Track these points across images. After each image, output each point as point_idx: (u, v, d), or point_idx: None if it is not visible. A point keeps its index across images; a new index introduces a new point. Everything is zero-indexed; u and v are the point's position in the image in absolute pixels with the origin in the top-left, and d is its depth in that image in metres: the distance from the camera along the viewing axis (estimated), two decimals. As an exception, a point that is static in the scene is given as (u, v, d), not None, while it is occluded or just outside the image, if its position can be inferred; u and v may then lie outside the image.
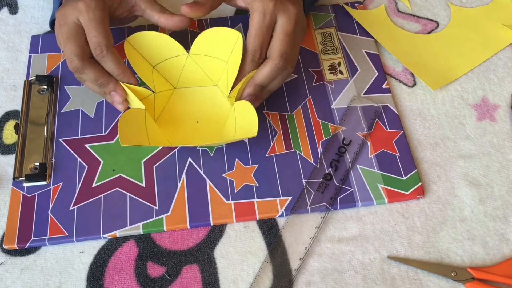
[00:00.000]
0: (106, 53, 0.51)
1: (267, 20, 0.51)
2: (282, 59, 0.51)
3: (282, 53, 0.51)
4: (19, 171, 0.54)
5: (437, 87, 0.61)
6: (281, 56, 0.51)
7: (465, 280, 0.49)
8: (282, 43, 0.51)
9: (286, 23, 0.51)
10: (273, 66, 0.51)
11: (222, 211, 0.52)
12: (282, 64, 0.51)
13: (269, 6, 0.50)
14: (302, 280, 0.50)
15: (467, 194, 0.54)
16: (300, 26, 0.53)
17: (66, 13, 0.50)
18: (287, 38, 0.51)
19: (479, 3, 0.68)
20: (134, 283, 0.49)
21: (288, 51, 0.51)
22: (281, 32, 0.51)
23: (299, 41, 0.54)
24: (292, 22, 0.51)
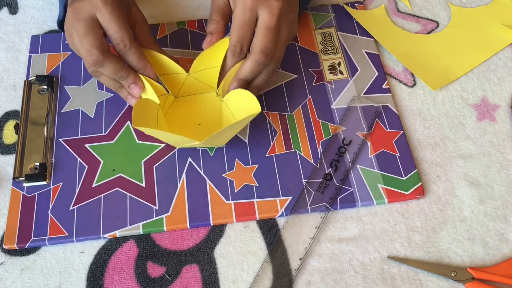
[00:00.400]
0: (129, 47, 0.51)
1: (247, 15, 0.50)
2: (262, 54, 0.50)
3: (263, 48, 0.50)
4: (19, 171, 0.54)
5: (437, 87, 0.61)
6: (261, 51, 0.50)
7: (465, 280, 0.49)
8: (263, 38, 0.50)
9: (267, 18, 0.50)
10: (254, 61, 0.51)
11: (222, 211, 0.52)
12: (263, 59, 0.51)
13: (248, 1, 0.50)
14: (302, 280, 0.50)
15: (467, 194, 0.54)
16: (285, 21, 0.52)
17: (82, 8, 0.50)
18: (268, 33, 0.50)
19: (479, 3, 0.68)
20: (134, 283, 0.49)
21: (270, 46, 0.50)
22: (262, 27, 0.50)
23: (285, 36, 0.53)
24: (275, 17, 0.50)
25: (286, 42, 0.53)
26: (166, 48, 0.63)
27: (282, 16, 0.51)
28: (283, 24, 0.52)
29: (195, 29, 0.65)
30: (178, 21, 0.66)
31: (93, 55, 0.50)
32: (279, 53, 0.53)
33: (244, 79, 0.53)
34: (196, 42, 0.64)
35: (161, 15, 0.67)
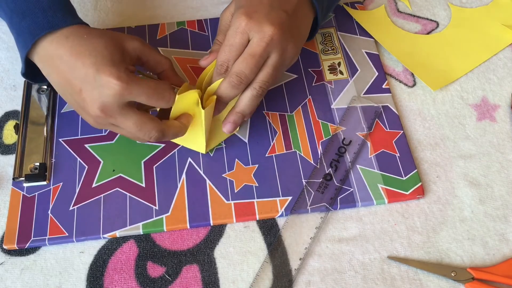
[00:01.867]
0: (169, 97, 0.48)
1: (237, 37, 0.49)
2: (236, 77, 0.49)
3: (238, 71, 0.49)
4: (19, 171, 0.54)
5: (438, 88, 0.61)
6: (235, 74, 0.49)
7: (465, 280, 0.49)
8: (242, 61, 0.49)
9: (255, 43, 0.48)
10: (226, 81, 0.49)
11: (222, 211, 0.52)
12: (234, 82, 0.49)
13: (241, 25, 0.49)
14: (302, 280, 0.50)
15: (467, 194, 0.54)
16: (277, 49, 0.49)
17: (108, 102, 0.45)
18: (249, 58, 0.48)
19: (479, 3, 0.68)
20: (134, 283, 0.49)
21: (246, 71, 0.48)
22: (246, 51, 0.49)
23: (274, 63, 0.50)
24: (263, 44, 0.48)
25: (275, 68, 0.50)
26: (166, 48, 0.63)
27: (273, 44, 0.49)
28: (274, 51, 0.49)
29: (195, 29, 0.65)
30: (178, 21, 0.66)
31: (153, 137, 0.48)
32: (266, 78, 0.50)
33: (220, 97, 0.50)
34: (196, 42, 0.64)
35: (161, 15, 0.67)
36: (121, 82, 0.44)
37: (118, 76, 0.44)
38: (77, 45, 0.46)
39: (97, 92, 0.45)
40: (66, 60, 0.46)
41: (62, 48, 0.46)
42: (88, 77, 0.45)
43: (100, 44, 0.46)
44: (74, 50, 0.46)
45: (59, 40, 0.47)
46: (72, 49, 0.46)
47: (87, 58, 0.45)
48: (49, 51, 0.47)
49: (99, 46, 0.46)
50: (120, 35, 0.50)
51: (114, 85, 0.44)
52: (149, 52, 0.51)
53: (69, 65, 0.46)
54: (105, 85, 0.45)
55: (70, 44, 0.46)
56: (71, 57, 0.46)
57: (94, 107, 0.46)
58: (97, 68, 0.45)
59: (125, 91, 0.45)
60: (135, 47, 0.49)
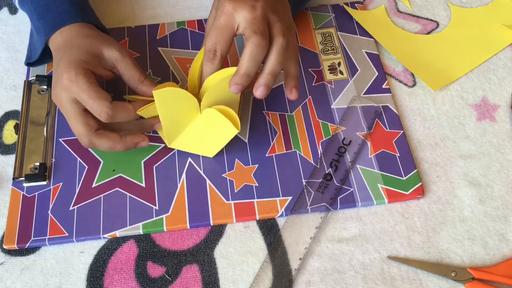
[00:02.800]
0: (112, 113, 0.49)
1: (222, 19, 0.48)
2: (255, 35, 0.47)
3: (254, 30, 0.47)
4: (19, 171, 0.54)
5: (438, 88, 0.61)
6: (253, 33, 0.47)
7: (465, 280, 0.49)
8: (251, 26, 0.47)
9: (248, 14, 0.48)
10: (249, 46, 0.47)
11: (222, 211, 0.52)
12: (258, 39, 0.47)
13: (225, 7, 0.48)
14: (302, 280, 0.50)
15: (467, 194, 0.54)
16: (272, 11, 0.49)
17: (58, 94, 0.50)
18: (254, 20, 0.47)
19: (479, 3, 0.68)
20: (134, 283, 0.49)
21: (261, 27, 0.47)
22: (245, 22, 0.48)
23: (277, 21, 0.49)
24: (257, 11, 0.48)
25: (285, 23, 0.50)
26: (166, 48, 0.63)
27: (266, 9, 0.48)
28: (271, 14, 0.49)
29: (195, 29, 0.65)
30: (178, 21, 0.66)
31: (83, 142, 0.51)
32: (281, 30, 0.49)
33: (246, 73, 0.48)
34: (196, 42, 0.64)
35: (161, 15, 0.67)
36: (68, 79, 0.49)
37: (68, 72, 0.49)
38: (63, 40, 0.53)
39: (55, 82, 0.51)
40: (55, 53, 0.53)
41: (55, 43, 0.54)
42: (56, 69, 0.51)
43: (75, 44, 0.52)
44: (60, 45, 0.53)
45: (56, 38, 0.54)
46: (59, 44, 0.53)
47: (59, 52, 0.52)
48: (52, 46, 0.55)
49: (74, 45, 0.52)
50: (106, 41, 0.53)
51: (62, 79, 0.49)
52: (125, 64, 0.52)
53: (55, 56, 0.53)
54: (58, 77, 0.50)
55: (60, 39, 0.53)
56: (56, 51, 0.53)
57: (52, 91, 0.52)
58: (59, 62, 0.51)
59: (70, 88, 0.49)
60: (113, 56, 0.52)
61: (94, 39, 0.52)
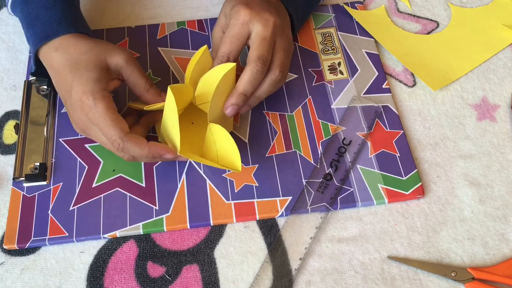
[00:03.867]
0: (124, 143, 0.48)
1: (237, 28, 0.51)
2: (259, 61, 0.50)
3: (259, 55, 0.50)
4: (19, 171, 0.54)
5: (438, 88, 0.61)
6: (257, 59, 0.50)
7: (465, 280, 0.49)
8: (257, 46, 0.51)
9: (261, 29, 0.51)
10: (250, 70, 0.50)
11: (222, 211, 0.52)
12: (260, 66, 0.50)
13: (240, 16, 0.51)
14: (302, 280, 0.50)
15: (467, 194, 0.54)
16: (280, 34, 0.52)
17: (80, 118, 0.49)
18: (263, 42, 0.51)
19: (479, 3, 0.68)
20: (134, 283, 0.49)
21: (265, 53, 0.51)
22: (256, 37, 0.51)
23: (284, 46, 0.53)
24: (269, 29, 0.51)
25: (285, 51, 0.53)
26: (166, 48, 0.63)
27: (276, 29, 0.52)
28: (278, 36, 0.52)
29: (195, 29, 0.65)
30: (178, 21, 0.66)
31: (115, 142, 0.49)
32: (281, 61, 0.53)
33: (243, 93, 0.51)
34: (196, 42, 0.64)
35: (161, 15, 0.67)
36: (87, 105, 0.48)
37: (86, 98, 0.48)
38: (63, 59, 0.50)
39: (73, 108, 0.50)
40: (54, 73, 0.51)
41: (52, 60, 0.51)
42: (66, 92, 0.50)
43: (82, 61, 0.50)
44: (59, 65, 0.50)
45: (50, 52, 0.51)
46: (57, 64, 0.51)
47: (67, 75, 0.50)
48: (45, 60, 0.52)
49: (81, 63, 0.50)
50: (108, 49, 0.51)
51: (81, 104, 0.48)
52: (130, 72, 0.52)
53: (56, 78, 0.52)
54: (77, 103, 0.49)
55: (58, 58, 0.51)
56: (57, 73, 0.51)
57: (71, 117, 0.51)
58: (72, 86, 0.49)
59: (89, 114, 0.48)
60: (118, 64, 0.51)
61: (95, 51, 0.51)
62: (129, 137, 0.48)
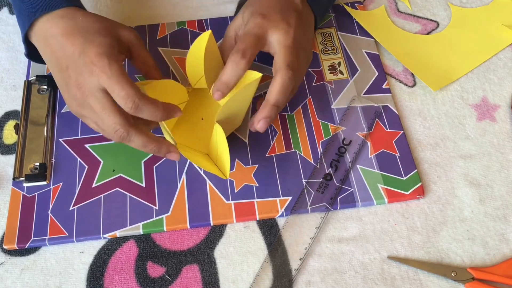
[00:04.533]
0: (139, 102, 0.45)
1: (256, 29, 0.50)
2: (289, 68, 0.49)
3: (288, 62, 0.49)
4: (19, 171, 0.54)
5: (438, 88, 0.61)
6: (287, 66, 0.49)
7: (465, 280, 0.49)
8: (285, 55, 0.49)
9: (283, 37, 0.50)
10: (282, 77, 0.48)
11: (222, 211, 0.52)
12: (291, 74, 0.49)
13: (259, 22, 0.50)
14: (302, 280, 0.50)
15: (467, 194, 0.54)
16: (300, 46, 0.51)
17: (87, 83, 0.45)
18: (289, 50, 0.49)
19: (479, 3, 0.68)
20: (134, 283, 0.49)
21: (295, 61, 0.49)
22: (279, 45, 0.50)
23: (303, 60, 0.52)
24: (290, 38, 0.50)
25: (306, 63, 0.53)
26: (166, 48, 0.63)
27: (297, 40, 0.51)
28: (299, 48, 0.51)
29: (195, 29, 0.65)
30: (178, 21, 0.66)
31: (117, 132, 0.46)
32: (301, 72, 0.52)
33: (276, 104, 0.49)
34: (196, 42, 0.64)
35: (161, 15, 0.67)
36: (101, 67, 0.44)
37: (100, 60, 0.45)
38: (70, 25, 0.47)
39: (80, 71, 0.46)
40: (58, 39, 0.47)
41: (56, 27, 0.48)
42: (74, 56, 0.46)
43: (93, 27, 0.47)
44: (66, 29, 0.47)
45: (53, 19, 0.48)
46: (64, 29, 0.47)
47: (77, 38, 0.46)
48: (44, 30, 0.48)
49: (92, 29, 0.47)
50: (117, 24, 0.50)
51: (92, 67, 0.45)
52: (140, 48, 0.51)
53: (60, 44, 0.47)
54: (86, 65, 0.45)
55: (64, 24, 0.48)
56: (62, 37, 0.47)
57: (73, 84, 0.47)
58: (84, 48, 0.46)
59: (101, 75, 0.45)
60: (129, 38, 0.50)
61: (106, 22, 0.49)
62: (145, 97, 0.45)
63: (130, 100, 0.44)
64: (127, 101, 0.45)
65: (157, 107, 0.46)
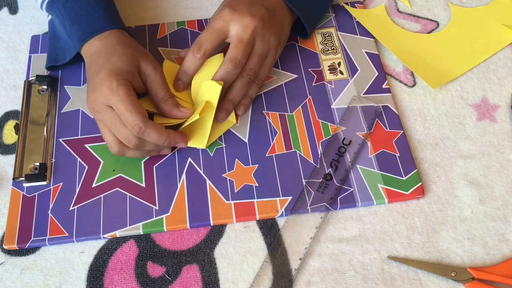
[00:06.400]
0: (144, 128, 0.49)
1: (217, 22, 0.54)
2: (230, 63, 0.53)
3: (232, 57, 0.53)
4: (19, 171, 0.54)
5: (437, 86, 0.61)
6: (230, 60, 0.53)
7: (465, 280, 0.49)
8: (233, 49, 0.53)
9: (240, 31, 0.53)
10: (222, 69, 0.53)
11: (222, 211, 0.52)
12: (230, 68, 0.53)
13: (224, 14, 0.54)
14: (302, 280, 0.50)
15: (467, 194, 0.54)
16: (261, 38, 0.54)
17: (95, 100, 0.50)
18: (239, 44, 0.53)
19: (479, 3, 0.68)
20: (134, 283, 0.49)
21: (239, 56, 0.53)
22: (234, 39, 0.53)
23: (261, 52, 0.55)
24: (248, 32, 0.53)
25: (260, 57, 0.55)
26: (166, 48, 0.64)
27: (257, 33, 0.54)
28: (259, 41, 0.54)
29: (195, 29, 0.65)
30: (178, 21, 0.66)
31: (131, 141, 0.50)
32: (252, 66, 0.55)
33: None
34: (196, 42, 0.64)
35: (161, 15, 0.67)
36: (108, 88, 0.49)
37: (110, 81, 0.49)
38: (102, 46, 0.53)
39: (93, 87, 0.51)
40: (91, 57, 0.54)
41: (93, 47, 0.54)
42: (94, 72, 0.51)
43: (117, 52, 0.52)
44: (98, 50, 0.53)
45: (94, 41, 0.54)
46: (98, 49, 0.53)
47: (102, 59, 0.52)
48: (87, 51, 0.55)
49: (116, 54, 0.52)
50: (143, 53, 0.54)
51: (102, 86, 0.49)
52: (154, 79, 0.54)
53: (91, 61, 0.53)
54: (97, 84, 0.50)
55: (99, 44, 0.54)
56: (94, 55, 0.53)
57: (88, 97, 0.52)
58: (100, 69, 0.51)
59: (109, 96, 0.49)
60: (147, 70, 0.53)
61: (134, 50, 0.53)
62: (150, 123, 0.50)
63: (137, 126, 0.49)
64: (134, 127, 0.49)
65: (161, 134, 0.51)
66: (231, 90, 0.56)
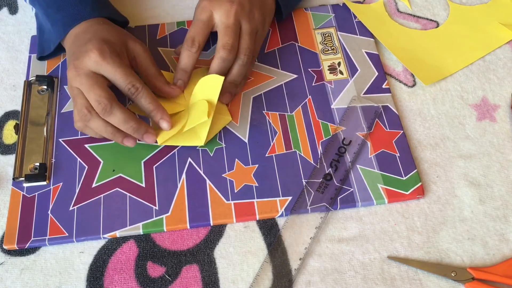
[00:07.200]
0: (141, 89, 0.51)
1: (203, 15, 0.55)
2: (224, 50, 0.54)
3: (224, 44, 0.54)
4: (19, 171, 0.54)
5: (430, 82, 0.60)
6: (222, 47, 0.54)
7: (465, 280, 0.49)
8: (222, 35, 0.54)
9: (224, 17, 0.54)
10: (217, 58, 0.54)
11: (222, 211, 0.52)
12: (225, 54, 0.54)
13: (205, 5, 0.55)
14: (302, 280, 0.50)
15: (467, 194, 0.54)
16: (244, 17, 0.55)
17: (82, 64, 0.50)
18: (227, 30, 0.54)
19: (478, 1, 0.68)
20: (134, 283, 0.49)
21: (230, 41, 0.54)
22: (220, 26, 0.55)
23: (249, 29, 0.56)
24: (231, 16, 0.54)
25: (250, 35, 0.56)
26: (166, 48, 0.64)
27: (240, 15, 0.55)
28: (244, 21, 0.55)
29: (195, 29, 0.65)
30: (178, 21, 0.66)
31: (100, 104, 0.49)
32: (247, 45, 0.56)
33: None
34: (196, 42, 0.64)
35: (161, 15, 0.67)
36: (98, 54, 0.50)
37: (100, 48, 0.50)
38: (88, 27, 0.55)
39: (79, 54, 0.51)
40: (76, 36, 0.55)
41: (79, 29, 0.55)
42: (79, 46, 0.52)
43: (105, 29, 0.54)
44: (84, 29, 0.54)
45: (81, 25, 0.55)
46: (83, 29, 0.55)
47: (88, 35, 0.53)
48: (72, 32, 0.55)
49: (104, 30, 0.54)
50: (130, 36, 0.56)
51: (91, 53, 0.50)
52: (144, 58, 0.55)
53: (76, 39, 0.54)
54: (86, 51, 0.50)
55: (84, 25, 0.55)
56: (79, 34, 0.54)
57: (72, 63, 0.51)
58: (90, 39, 0.52)
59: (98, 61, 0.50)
60: (136, 49, 0.55)
61: (120, 31, 0.55)
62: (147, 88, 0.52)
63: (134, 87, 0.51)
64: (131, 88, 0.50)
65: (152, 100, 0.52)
66: (231, 72, 0.56)
